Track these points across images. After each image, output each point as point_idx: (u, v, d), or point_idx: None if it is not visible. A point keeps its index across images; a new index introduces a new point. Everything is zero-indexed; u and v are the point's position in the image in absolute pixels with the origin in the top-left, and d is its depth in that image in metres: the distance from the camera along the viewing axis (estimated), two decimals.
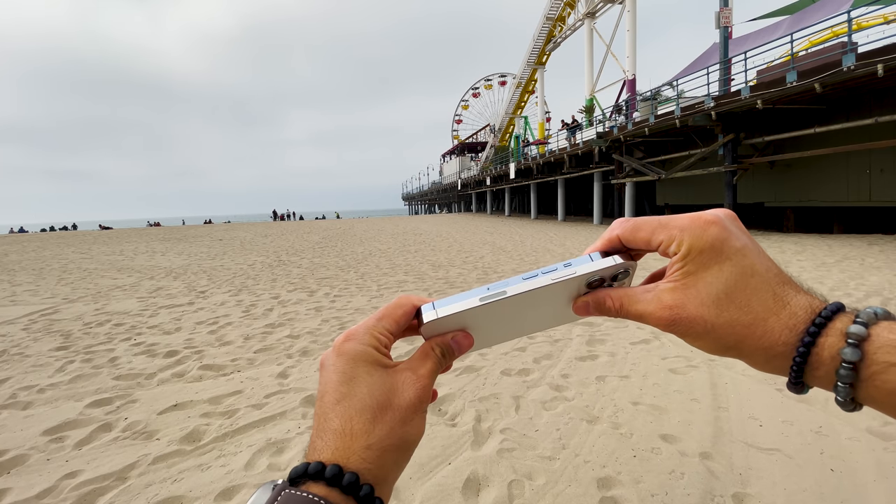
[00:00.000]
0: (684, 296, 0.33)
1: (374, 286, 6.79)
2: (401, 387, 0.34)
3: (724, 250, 0.33)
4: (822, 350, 0.30)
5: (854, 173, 11.55)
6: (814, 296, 0.33)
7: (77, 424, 2.61)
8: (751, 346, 0.32)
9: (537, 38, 32.63)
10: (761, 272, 0.33)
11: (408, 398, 0.34)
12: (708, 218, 0.34)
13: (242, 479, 2.06)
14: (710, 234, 0.33)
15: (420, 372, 0.35)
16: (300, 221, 41.99)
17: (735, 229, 0.34)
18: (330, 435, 0.32)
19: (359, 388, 0.33)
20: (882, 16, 14.86)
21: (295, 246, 14.66)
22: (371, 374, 0.34)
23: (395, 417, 0.33)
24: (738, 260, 0.33)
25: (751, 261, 0.33)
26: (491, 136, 47.06)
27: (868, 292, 5.18)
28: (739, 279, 0.32)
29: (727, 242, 0.33)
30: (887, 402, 0.29)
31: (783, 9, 18.92)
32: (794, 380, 0.31)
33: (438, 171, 72.16)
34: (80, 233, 30.62)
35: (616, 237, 0.37)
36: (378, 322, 0.36)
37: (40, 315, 5.58)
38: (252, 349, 3.90)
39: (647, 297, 0.35)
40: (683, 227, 0.34)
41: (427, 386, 0.35)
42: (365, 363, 0.34)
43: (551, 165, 25.53)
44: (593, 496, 1.87)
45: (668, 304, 0.34)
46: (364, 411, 0.32)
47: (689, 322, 0.33)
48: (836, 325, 0.30)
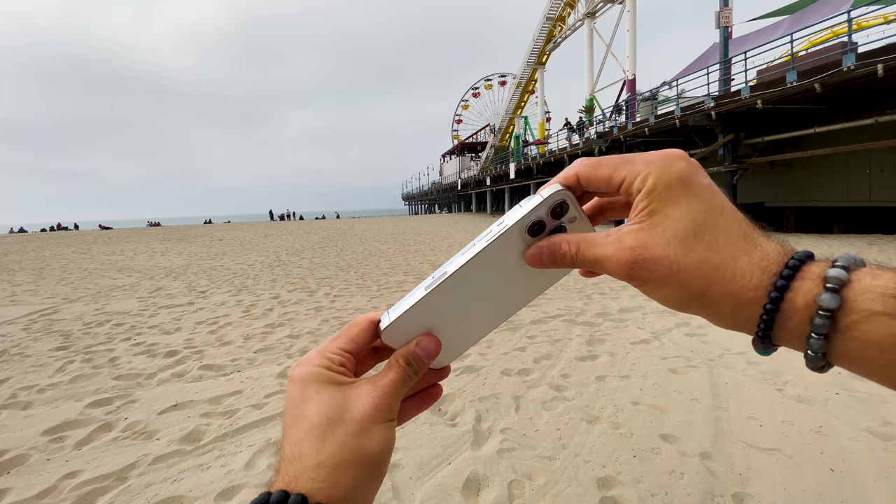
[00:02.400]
0: (648, 235, 0.30)
1: (374, 286, 6.79)
2: (354, 399, 0.32)
3: (692, 185, 0.30)
4: (797, 295, 0.27)
5: (854, 173, 11.55)
6: (783, 243, 0.30)
7: (77, 424, 2.61)
8: (719, 291, 0.29)
9: (537, 38, 32.63)
10: (730, 212, 0.30)
11: (361, 409, 0.32)
12: (675, 153, 0.32)
13: (242, 479, 2.06)
14: (679, 168, 0.31)
15: (379, 383, 0.33)
16: (300, 221, 42.00)
17: (702, 168, 0.32)
18: (284, 463, 0.30)
19: (308, 409, 0.32)
20: (882, 16, 14.86)
21: (295, 246, 14.66)
22: (320, 392, 0.32)
23: (348, 431, 0.31)
24: (707, 196, 0.30)
25: (720, 199, 0.31)
26: (491, 136, 47.07)
27: None
28: (709, 216, 0.30)
29: (695, 177, 0.31)
30: (864, 356, 0.25)
31: (783, 9, 18.91)
32: (762, 332, 0.28)
33: (438, 171, 72.17)
34: (79, 233, 30.63)
35: (574, 175, 0.33)
36: (332, 343, 0.35)
37: (40, 315, 5.58)
38: (252, 349, 3.90)
39: (607, 240, 0.32)
40: (649, 161, 0.31)
41: (386, 396, 0.33)
42: (315, 383, 0.32)
43: (551, 165, 25.53)
44: (593, 496, 1.87)
45: (630, 245, 0.31)
46: (312, 431, 0.31)
47: (653, 263, 0.30)
48: (811, 269, 0.27)
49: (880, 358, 0.25)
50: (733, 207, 0.31)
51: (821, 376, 2.95)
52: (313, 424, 0.31)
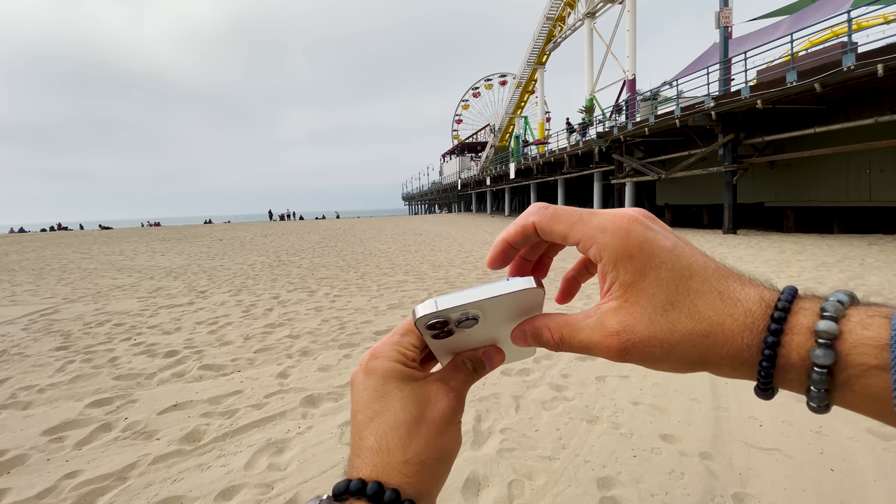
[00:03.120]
0: (630, 315, 0.29)
1: (374, 286, 6.79)
2: (433, 398, 0.34)
3: (654, 253, 0.29)
4: (790, 351, 0.27)
5: (854, 173, 11.55)
6: (761, 285, 0.29)
7: (77, 424, 2.61)
8: (716, 357, 0.28)
9: (537, 38, 32.63)
10: (699, 270, 0.29)
11: (441, 410, 0.33)
12: (629, 215, 0.30)
13: (242, 479, 2.06)
14: (636, 235, 0.29)
15: (451, 384, 0.35)
16: (300, 221, 42.01)
17: (659, 227, 0.31)
18: (366, 453, 0.32)
19: (391, 404, 0.33)
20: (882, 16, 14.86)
21: (295, 246, 14.66)
22: (402, 388, 0.33)
23: (431, 430, 0.33)
24: (671, 261, 0.29)
25: (686, 260, 0.29)
26: (491, 136, 47.07)
27: (868, 292, 5.18)
28: (680, 283, 0.29)
29: (655, 242, 0.29)
30: (865, 408, 0.25)
31: (783, 9, 18.91)
32: (762, 386, 0.28)
33: (438, 171, 72.17)
34: (79, 233, 30.64)
35: (531, 224, 0.33)
36: (402, 337, 0.36)
37: (40, 315, 5.58)
38: (252, 349, 3.90)
39: (588, 323, 0.31)
40: (604, 229, 0.30)
41: (459, 398, 0.35)
42: (395, 379, 0.34)
43: (551, 165, 25.54)
44: (593, 496, 1.87)
45: (615, 330, 0.30)
46: (398, 427, 0.32)
47: (644, 346, 0.29)
48: (799, 321, 0.27)
49: (880, 408, 0.25)
50: (703, 262, 0.30)
51: None
52: (399, 421, 0.32)
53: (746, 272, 0.31)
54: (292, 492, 1.96)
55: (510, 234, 0.34)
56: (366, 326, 4.52)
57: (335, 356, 3.66)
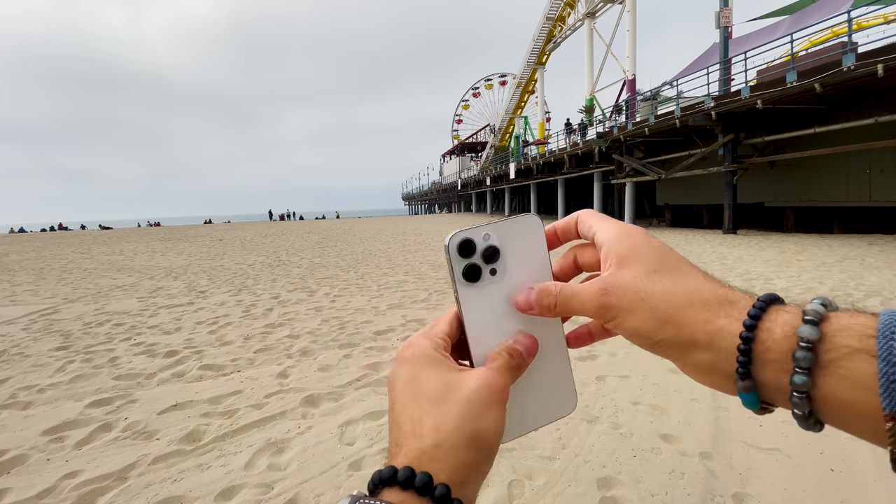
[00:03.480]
0: (619, 274, 0.33)
1: (374, 286, 6.79)
2: (468, 380, 0.32)
3: (650, 239, 0.34)
4: (775, 326, 0.27)
5: (854, 173, 11.55)
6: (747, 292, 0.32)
7: (77, 424, 2.61)
8: (689, 317, 0.30)
9: (537, 38, 32.64)
10: (687, 264, 0.33)
11: (477, 389, 0.32)
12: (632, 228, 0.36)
13: (242, 479, 2.06)
14: (637, 228, 0.35)
15: (491, 365, 0.34)
16: (300, 221, 42.01)
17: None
18: (403, 439, 0.31)
19: (424, 388, 0.32)
20: (882, 16, 14.86)
21: (295, 246, 14.66)
22: (435, 371, 0.33)
23: (464, 412, 0.31)
24: (664, 248, 0.34)
25: (677, 255, 0.34)
26: (491, 136, 47.07)
27: (868, 292, 5.18)
28: (669, 259, 0.33)
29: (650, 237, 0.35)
30: (850, 397, 0.24)
31: (783, 9, 18.92)
32: (741, 364, 0.28)
33: (438, 171, 72.17)
34: (79, 233, 30.64)
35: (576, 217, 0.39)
36: (432, 329, 0.36)
37: (40, 315, 5.58)
38: (252, 349, 3.90)
39: (582, 286, 0.35)
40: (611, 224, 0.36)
41: (498, 379, 0.33)
42: (427, 363, 0.33)
43: (551, 165, 25.54)
44: (593, 496, 1.87)
45: (600, 280, 0.33)
46: (430, 410, 0.31)
47: (622, 290, 0.32)
48: (783, 307, 0.28)
49: (867, 400, 0.24)
50: (689, 262, 0.34)
51: None
52: (430, 403, 0.31)
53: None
54: (292, 492, 1.96)
55: (558, 223, 0.39)
56: (366, 326, 4.52)
57: (335, 356, 3.66)
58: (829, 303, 0.27)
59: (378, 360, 3.51)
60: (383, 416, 2.63)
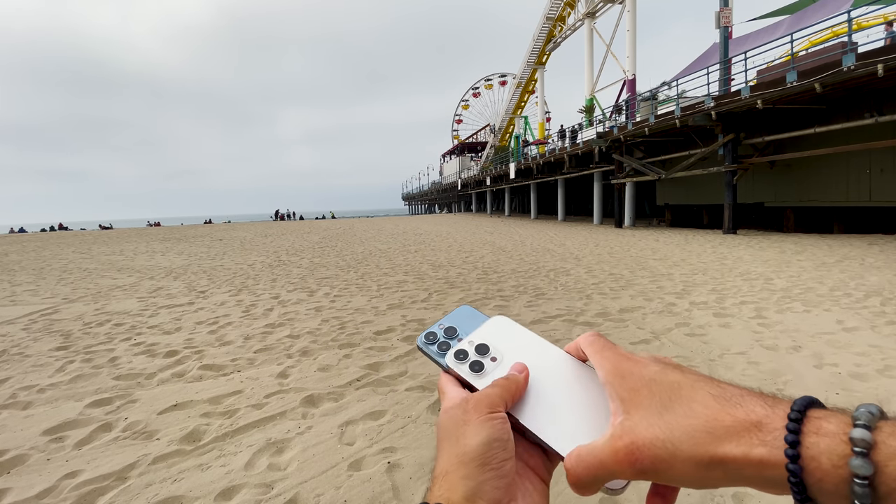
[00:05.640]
0: (631, 421, 0.32)
1: (374, 286, 6.79)
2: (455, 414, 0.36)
3: (643, 373, 0.34)
4: (820, 454, 0.25)
5: (854, 173, 11.55)
6: (765, 394, 0.30)
7: (77, 424, 2.61)
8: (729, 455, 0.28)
9: (537, 38, 32.63)
10: (687, 382, 0.32)
11: (452, 416, 0.36)
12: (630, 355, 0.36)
13: (242, 479, 2.06)
14: (627, 365, 0.35)
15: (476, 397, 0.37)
16: (300, 221, 42.02)
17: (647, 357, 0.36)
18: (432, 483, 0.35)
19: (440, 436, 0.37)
20: (882, 16, 14.86)
21: (295, 246, 14.66)
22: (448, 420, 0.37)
23: (452, 442, 0.35)
24: (660, 378, 0.33)
25: (674, 376, 0.33)
26: (491, 136, 47.06)
27: (868, 292, 5.18)
28: (671, 392, 0.32)
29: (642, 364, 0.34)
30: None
31: (783, 9, 18.91)
32: (797, 497, 0.26)
33: (438, 171, 72.17)
34: (79, 233, 30.64)
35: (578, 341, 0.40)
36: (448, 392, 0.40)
37: (40, 315, 5.58)
38: (252, 349, 3.90)
39: (601, 441, 0.33)
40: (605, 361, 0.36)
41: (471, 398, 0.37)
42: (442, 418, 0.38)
43: (551, 165, 25.54)
44: (593, 496, 1.87)
45: (620, 434, 0.32)
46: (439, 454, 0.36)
47: (649, 449, 0.30)
48: (822, 426, 0.26)
49: None
50: (689, 376, 0.33)
51: (820, 376, 2.95)
52: (439, 448, 0.36)
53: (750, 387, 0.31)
54: (292, 492, 1.96)
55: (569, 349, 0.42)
56: (366, 326, 4.52)
57: (335, 356, 3.66)
58: (873, 416, 0.26)
59: (378, 360, 3.51)
60: (383, 416, 2.64)
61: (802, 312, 4.50)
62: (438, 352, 0.43)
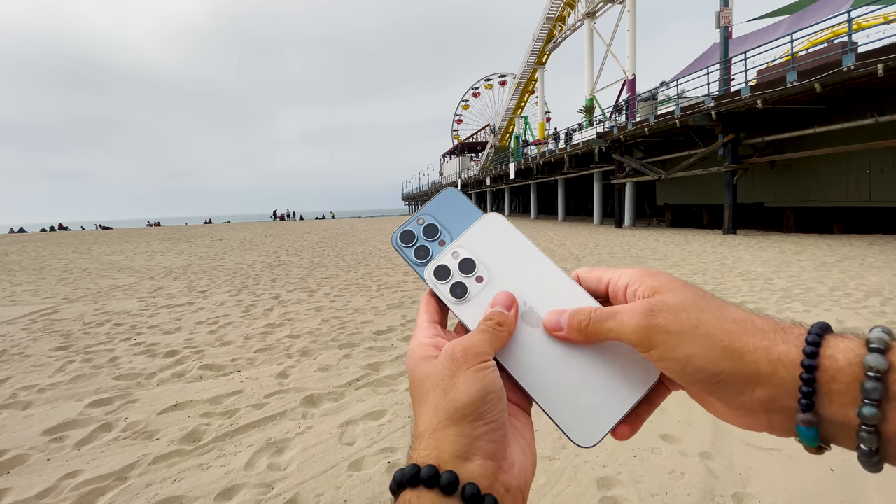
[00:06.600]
0: (661, 296, 0.31)
1: (374, 286, 6.79)
2: (437, 365, 0.33)
3: (680, 280, 0.33)
4: (837, 353, 0.26)
5: (854, 173, 11.55)
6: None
7: (77, 424, 2.61)
8: (750, 346, 0.28)
9: (537, 38, 32.64)
10: (717, 298, 0.32)
11: (439, 369, 0.32)
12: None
13: (242, 478, 2.06)
14: (663, 273, 0.34)
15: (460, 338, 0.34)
16: (300, 221, 42.01)
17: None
18: (415, 441, 0.32)
19: (415, 389, 0.33)
20: (882, 16, 14.86)
21: (295, 246, 14.66)
22: (420, 370, 0.34)
23: (437, 395, 0.31)
24: (695, 287, 0.32)
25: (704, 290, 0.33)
26: (491, 136, 47.07)
27: (868, 292, 5.18)
28: (704, 296, 0.31)
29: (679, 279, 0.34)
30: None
31: (783, 9, 18.92)
32: (805, 395, 0.26)
33: (438, 171, 72.16)
34: (79, 233, 30.64)
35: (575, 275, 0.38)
36: (416, 330, 0.37)
37: (40, 315, 5.58)
38: (252, 349, 3.90)
39: (618, 308, 0.33)
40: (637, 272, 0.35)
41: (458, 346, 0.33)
42: (415, 365, 0.34)
43: (551, 165, 25.54)
44: (593, 496, 1.87)
45: (646, 302, 0.31)
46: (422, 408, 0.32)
47: (672, 313, 0.30)
48: (840, 337, 0.27)
49: None
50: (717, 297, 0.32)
51: None
52: (418, 401, 0.33)
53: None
54: (292, 492, 1.96)
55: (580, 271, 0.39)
56: (366, 326, 4.52)
57: (335, 356, 3.66)
58: (891, 332, 0.26)
59: (378, 360, 3.51)
60: (383, 415, 2.64)
61: (802, 312, 4.50)
62: (416, 260, 0.37)
